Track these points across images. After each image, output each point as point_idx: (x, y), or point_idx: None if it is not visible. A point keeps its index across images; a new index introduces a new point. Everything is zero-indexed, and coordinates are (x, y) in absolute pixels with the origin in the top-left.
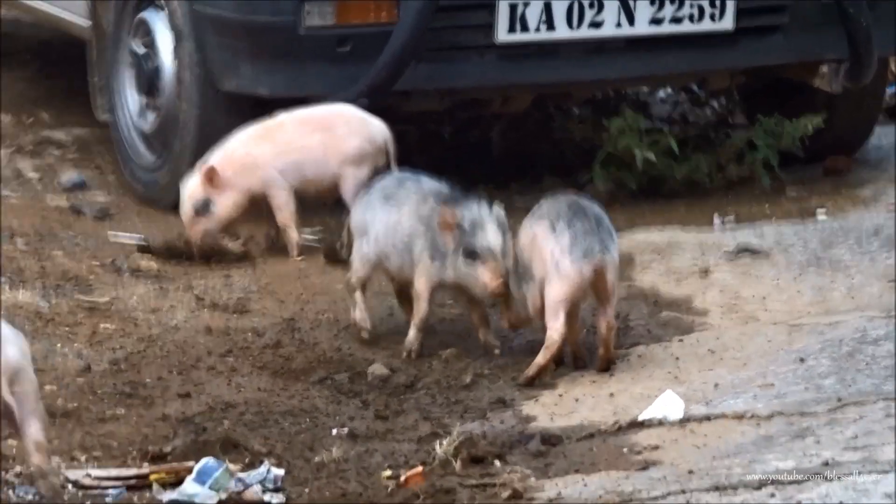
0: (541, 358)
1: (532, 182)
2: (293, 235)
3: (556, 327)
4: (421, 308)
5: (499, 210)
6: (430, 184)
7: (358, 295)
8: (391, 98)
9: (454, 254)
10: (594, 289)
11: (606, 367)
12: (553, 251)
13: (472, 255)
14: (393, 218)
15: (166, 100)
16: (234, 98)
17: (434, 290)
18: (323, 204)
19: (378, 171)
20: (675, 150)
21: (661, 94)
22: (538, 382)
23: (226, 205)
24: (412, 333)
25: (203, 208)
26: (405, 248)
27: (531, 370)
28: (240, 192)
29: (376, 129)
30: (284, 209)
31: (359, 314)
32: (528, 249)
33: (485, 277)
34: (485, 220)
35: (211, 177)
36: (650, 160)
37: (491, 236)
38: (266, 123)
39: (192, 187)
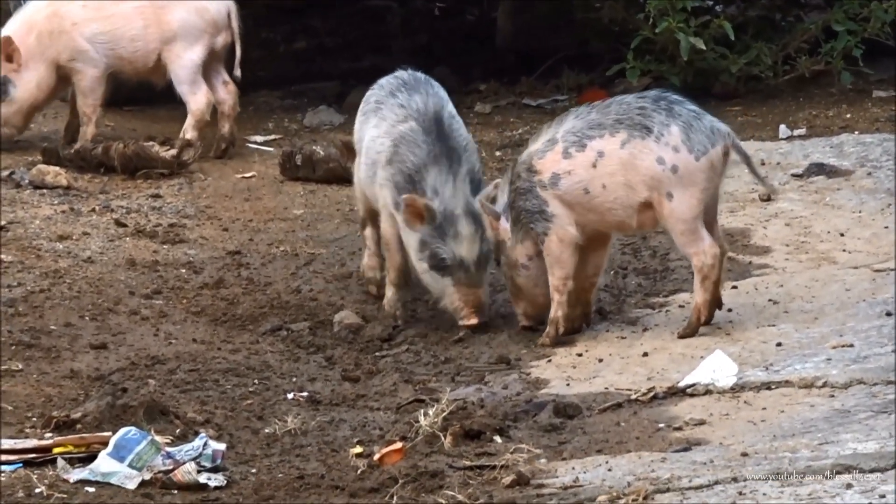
0: (703, 294)
1: (546, 77)
2: (91, 130)
3: (703, 248)
4: (393, 259)
5: (490, 194)
6: (429, 97)
7: (368, 233)
8: None
9: (419, 252)
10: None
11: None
12: (662, 158)
13: (440, 266)
14: (372, 133)
15: None
16: None
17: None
18: (279, 104)
19: (217, 55)
20: (730, 36)
21: None
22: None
23: (27, 84)
24: (389, 294)
25: (1, 90)
26: (372, 175)
27: (694, 315)
28: (45, 64)
29: None
30: (89, 95)
31: (366, 259)
32: (594, 178)
33: (456, 304)
34: (460, 215)
35: (7, 50)
36: (698, 49)
37: (465, 246)
38: None
39: None
